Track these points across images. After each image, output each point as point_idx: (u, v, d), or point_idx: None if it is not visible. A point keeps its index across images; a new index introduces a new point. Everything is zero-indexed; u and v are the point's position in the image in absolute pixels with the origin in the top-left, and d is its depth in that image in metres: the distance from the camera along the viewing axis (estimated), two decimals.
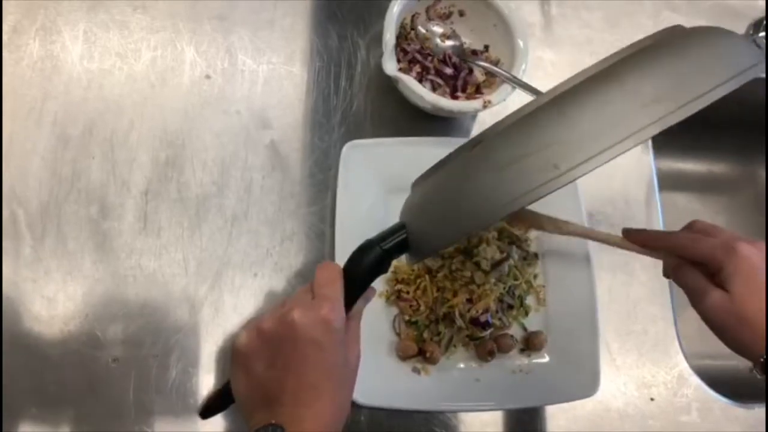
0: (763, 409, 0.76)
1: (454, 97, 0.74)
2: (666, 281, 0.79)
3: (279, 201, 0.70)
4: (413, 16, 0.76)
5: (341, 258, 0.67)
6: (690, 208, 1.06)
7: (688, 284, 0.52)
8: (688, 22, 0.90)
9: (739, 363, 0.96)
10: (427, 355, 0.66)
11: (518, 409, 0.69)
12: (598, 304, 0.72)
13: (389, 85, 0.75)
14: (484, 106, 0.71)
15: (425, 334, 0.67)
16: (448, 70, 0.75)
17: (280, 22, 0.77)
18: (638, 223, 0.81)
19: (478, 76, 0.77)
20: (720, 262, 0.50)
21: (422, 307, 0.67)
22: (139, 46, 0.72)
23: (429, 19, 0.77)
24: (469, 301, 0.67)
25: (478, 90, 0.75)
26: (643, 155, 0.84)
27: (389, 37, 0.70)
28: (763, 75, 0.87)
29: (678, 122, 0.44)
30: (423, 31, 0.76)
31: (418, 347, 0.67)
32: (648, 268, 0.79)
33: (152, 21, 0.74)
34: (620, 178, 0.82)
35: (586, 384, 0.69)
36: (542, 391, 0.68)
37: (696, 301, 0.52)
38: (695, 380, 0.75)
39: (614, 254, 0.79)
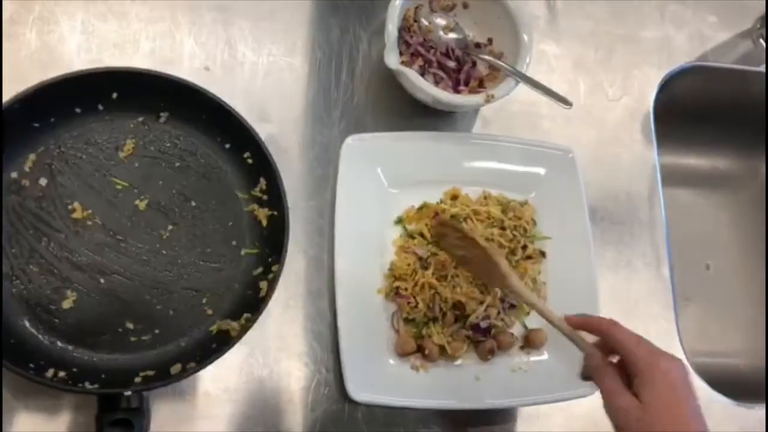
0: (764, 410, 0.75)
1: (456, 90, 0.73)
2: (668, 279, 0.79)
3: None
4: (416, 8, 0.75)
5: (340, 254, 0.67)
6: (693, 204, 1.05)
7: (604, 383, 0.53)
8: (694, 16, 0.90)
9: (740, 362, 0.95)
10: (426, 352, 0.66)
11: (516, 407, 0.69)
12: (599, 302, 0.71)
13: (391, 79, 0.74)
14: (487, 101, 0.70)
15: (424, 331, 0.67)
16: (451, 64, 0.74)
17: (281, 13, 0.76)
18: (641, 219, 0.81)
19: (482, 69, 0.75)
20: (641, 370, 0.51)
21: (420, 305, 0.66)
22: (138, 37, 0.71)
23: (432, 11, 0.76)
24: (461, 306, 0.67)
25: (481, 84, 0.74)
26: (646, 150, 0.83)
27: (391, 29, 0.69)
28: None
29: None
30: (426, 23, 0.75)
31: (417, 344, 0.66)
32: (650, 267, 0.78)
33: (151, 12, 0.72)
34: (623, 173, 0.82)
35: (586, 382, 0.69)
36: (541, 389, 0.68)
37: (609, 400, 0.52)
38: (695, 379, 0.75)
39: (616, 252, 0.79)
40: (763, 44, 0.88)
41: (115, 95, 0.65)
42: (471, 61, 0.75)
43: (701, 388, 0.75)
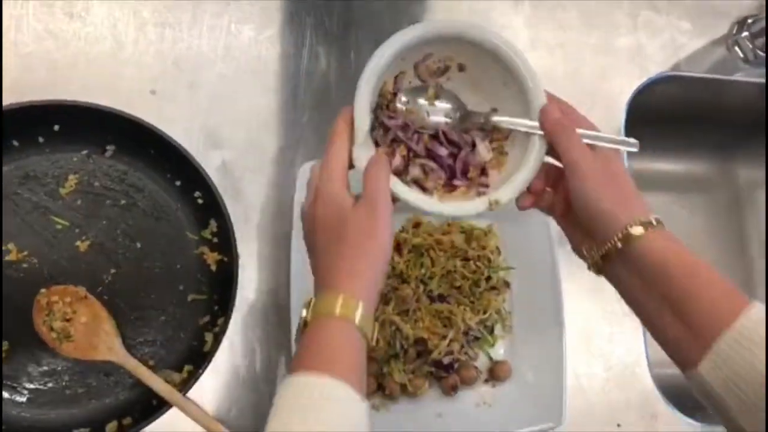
0: None
1: (451, 185, 0.57)
2: None
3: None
4: (396, 77, 0.57)
5: (297, 289, 0.64)
6: (668, 209, 1.03)
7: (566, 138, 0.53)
8: (667, 23, 0.86)
9: None
10: (387, 391, 0.64)
11: None
12: (565, 327, 0.69)
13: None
14: (490, 208, 0.53)
15: (384, 369, 0.64)
16: (443, 151, 0.57)
17: (233, 28, 0.72)
18: None
19: (484, 153, 0.58)
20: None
21: (381, 342, 0.64)
22: (77, 59, 0.67)
23: (418, 76, 0.58)
24: (423, 341, 0.64)
25: (483, 172, 0.57)
26: None
27: (361, 122, 0.51)
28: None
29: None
30: (402, 108, 0.57)
31: (378, 383, 0.64)
32: None
33: (90, 30, 0.68)
34: None
35: (552, 414, 0.67)
36: (506, 423, 0.66)
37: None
38: (663, 406, 0.74)
39: (583, 275, 0.76)
40: (738, 52, 0.85)
41: (56, 128, 0.61)
42: (471, 141, 0.58)
43: (670, 414, 0.74)
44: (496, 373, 0.68)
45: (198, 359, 0.59)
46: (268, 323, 0.66)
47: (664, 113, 0.92)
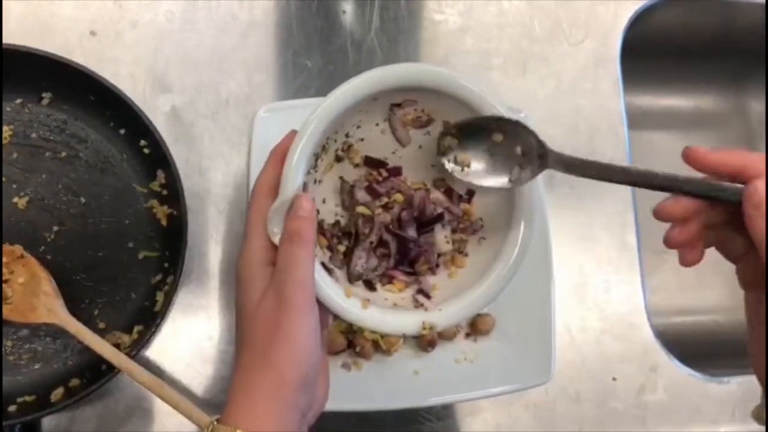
0: (736, 384, 0.69)
1: (389, 275, 0.48)
2: (634, 247, 0.71)
3: (183, 179, 0.60)
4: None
5: None
6: (674, 148, 0.95)
7: None
8: None
9: (719, 318, 0.89)
10: (358, 349, 0.59)
11: (461, 401, 0.63)
12: (553, 271, 0.64)
13: (323, 31, 0.63)
14: (423, 331, 0.45)
15: (354, 326, 0.60)
16: (387, 238, 0.48)
17: None
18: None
19: (440, 242, 0.48)
20: None
21: None
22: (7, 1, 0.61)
23: (388, 121, 0.48)
24: None
25: (432, 269, 0.49)
26: (613, 101, 0.73)
27: (291, 174, 0.40)
28: None
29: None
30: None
31: (348, 340, 0.60)
32: (613, 234, 0.71)
33: None
34: (585, 129, 0.72)
35: (539, 370, 0.62)
36: (489, 380, 0.62)
37: None
38: (664, 357, 0.69)
39: (573, 217, 0.71)
40: None
41: None
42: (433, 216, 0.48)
43: (669, 366, 0.69)
44: (477, 327, 0.62)
45: (150, 320, 0.54)
46: (226, 281, 0.61)
47: (666, 43, 0.84)
